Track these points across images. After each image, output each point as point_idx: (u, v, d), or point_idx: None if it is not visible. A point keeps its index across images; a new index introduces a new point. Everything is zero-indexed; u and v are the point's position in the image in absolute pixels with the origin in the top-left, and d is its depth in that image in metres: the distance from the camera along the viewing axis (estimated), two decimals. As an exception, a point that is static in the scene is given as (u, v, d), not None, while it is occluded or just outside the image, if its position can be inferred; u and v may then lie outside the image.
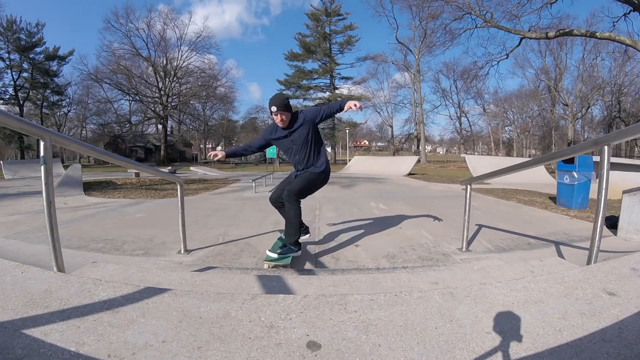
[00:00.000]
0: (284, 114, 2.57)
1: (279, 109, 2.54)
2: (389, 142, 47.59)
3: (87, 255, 2.75)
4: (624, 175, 6.72)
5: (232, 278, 1.84)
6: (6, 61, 31.68)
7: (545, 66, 36.30)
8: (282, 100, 2.59)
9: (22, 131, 1.61)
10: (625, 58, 27.24)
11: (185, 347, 0.98)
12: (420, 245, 3.14)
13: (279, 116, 2.56)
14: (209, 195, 7.63)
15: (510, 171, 2.67)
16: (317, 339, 1.03)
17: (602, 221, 1.72)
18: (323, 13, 39.00)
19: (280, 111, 2.55)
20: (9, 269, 1.47)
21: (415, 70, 37.68)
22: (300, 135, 2.66)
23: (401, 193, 8.06)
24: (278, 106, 2.54)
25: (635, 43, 14.60)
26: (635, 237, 3.13)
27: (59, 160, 21.82)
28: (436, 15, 22.85)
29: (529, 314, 1.16)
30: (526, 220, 4.47)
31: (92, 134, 41.03)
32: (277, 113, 2.56)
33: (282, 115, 2.57)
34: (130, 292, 1.29)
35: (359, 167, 19.98)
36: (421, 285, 1.75)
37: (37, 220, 4.17)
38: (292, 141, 2.68)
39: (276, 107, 2.54)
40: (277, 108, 2.54)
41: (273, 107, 2.55)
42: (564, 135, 36.48)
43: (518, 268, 2.06)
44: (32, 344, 0.96)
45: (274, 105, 2.54)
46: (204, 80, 38.47)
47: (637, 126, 1.73)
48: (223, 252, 2.97)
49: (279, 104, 2.55)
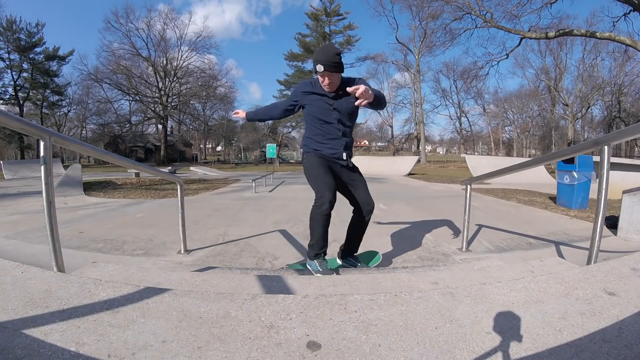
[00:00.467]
0: (334, 75, 1.94)
1: (326, 68, 1.89)
2: (389, 142, 47.57)
3: (87, 255, 2.75)
4: (624, 175, 6.72)
5: (232, 278, 1.84)
6: (6, 61, 31.71)
7: (545, 66, 36.33)
8: (333, 55, 1.90)
9: (22, 131, 1.61)
10: (625, 58, 27.27)
11: (185, 347, 0.98)
12: (420, 245, 3.14)
13: (326, 78, 1.95)
14: (209, 195, 7.63)
15: (510, 171, 2.67)
16: (317, 339, 1.03)
17: (602, 221, 1.72)
18: (323, 13, 39.01)
19: (328, 72, 1.91)
20: (9, 269, 1.47)
21: (415, 70, 37.70)
22: (349, 105, 2.03)
23: (401, 193, 8.06)
24: (326, 65, 1.88)
25: (635, 43, 14.61)
26: (635, 237, 3.13)
27: (59, 160, 21.82)
28: (436, 15, 22.88)
29: (529, 314, 1.16)
30: (526, 220, 4.47)
31: (92, 134, 41.07)
32: (323, 74, 1.93)
33: (331, 77, 1.94)
34: (130, 292, 1.29)
35: (359, 167, 19.90)
36: (421, 285, 1.75)
37: (37, 220, 4.17)
38: (336, 108, 2.06)
39: (323, 67, 1.89)
40: (325, 68, 1.89)
41: (319, 66, 1.89)
42: (564, 135, 36.49)
43: (518, 268, 2.05)
44: (32, 344, 0.96)
45: (320, 63, 1.89)
46: (204, 80, 38.49)
47: (637, 126, 1.73)
48: (223, 252, 2.97)
49: (327, 62, 1.88)
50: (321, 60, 1.89)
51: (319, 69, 1.91)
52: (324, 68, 1.89)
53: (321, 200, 1.96)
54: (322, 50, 1.94)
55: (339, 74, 1.98)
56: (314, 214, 2.00)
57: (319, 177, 2.05)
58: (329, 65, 1.88)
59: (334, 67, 1.91)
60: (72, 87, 37.00)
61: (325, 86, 1.99)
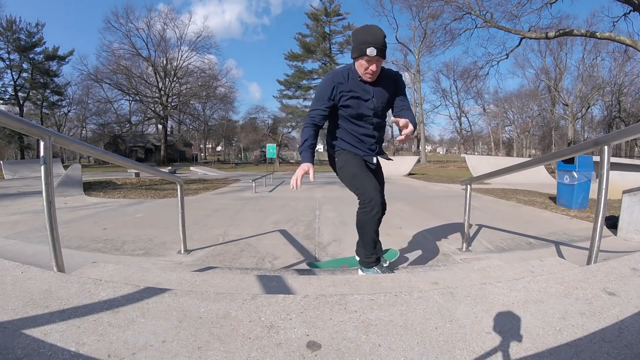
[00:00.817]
0: (380, 61, 1.70)
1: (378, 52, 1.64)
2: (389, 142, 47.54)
3: (87, 255, 2.75)
4: (624, 175, 6.72)
5: (232, 278, 1.84)
6: (6, 61, 31.72)
7: (545, 66, 36.35)
8: (383, 38, 1.65)
9: (22, 131, 1.61)
10: (625, 58, 27.27)
11: (185, 347, 0.98)
12: (420, 245, 3.14)
13: (374, 64, 1.69)
14: (209, 195, 7.63)
15: (510, 171, 2.67)
16: (317, 339, 1.03)
17: (602, 221, 1.72)
18: (323, 13, 39.02)
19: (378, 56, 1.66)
20: (9, 269, 1.47)
21: (415, 70, 37.71)
22: (385, 97, 1.83)
23: (401, 193, 8.06)
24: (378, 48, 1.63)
25: (635, 43, 14.61)
26: (635, 237, 3.13)
27: (59, 160, 21.81)
28: (436, 15, 22.87)
29: (529, 314, 1.15)
30: (526, 220, 4.46)
31: (92, 134, 41.07)
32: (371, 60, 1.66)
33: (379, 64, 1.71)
34: (130, 292, 1.29)
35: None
36: (421, 285, 1.75)
37: (37, 221, 4.17)
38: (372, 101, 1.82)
39: (375, 50, 1.63)
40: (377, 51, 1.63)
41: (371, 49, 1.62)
42: (564, 135, 36.49)
43: (518, 268, 2.05)
44: (32, 344, 0.96)
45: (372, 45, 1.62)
46: (204, 80, 38.52)
47: (637, 126, 1.73)
48: (223, 252, 2.97)
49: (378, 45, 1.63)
50: (371, 42, 1.62)
51: (371, 52, 1.62)
52: (376, 51, 1.63)
53: (370, 204, 1.80)
54: (370, 31, 1.66)
55: (382, 61, 1.73)
56: (364, 220, 1.84)
57: (361, 178, 1.86)
58: (380, 48, 1.63)
59: (382, 51, 1.66)
60: (72, 87, 37.11)
61: (369, 73, 1.72)
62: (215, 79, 39.18)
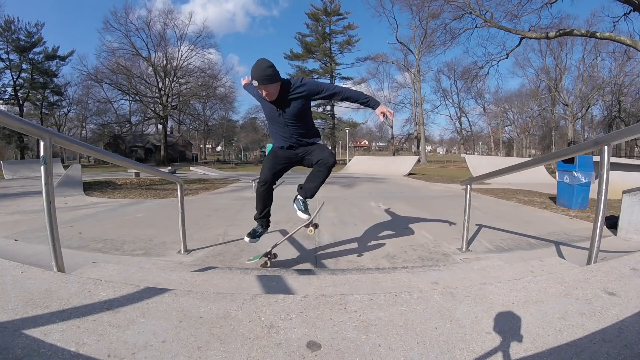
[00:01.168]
0: (269, 87, 2.10)
1: (261, 83, 2.07)
2: (389, 142, 47.55)
3: (87, 255, 2.75)
4: (624, 175, 6.72)
5: (232, 278, 1.84)
6: (5, 61, 31.71)
7: (546, 66, 36.32)
8: (264, 69, 2.06)
9: (22, 131, 1.61)
10: (625, 58, 27.27)
11: (185, 347, 0.98)
12: (420, 245, 3.14)
13: (263, 91, 2.12)
14: (209, 195, 7.63)
15: (510, 171, 2.67)
16: (317, 339, 1.03)
17: (602, 221, 1.72)
18: (323, 13, 39.00)
19: (262, 85, 2.08)
20: (9, 269, 1.47)
21: (415, 70, 37.70)
22: (294, 109, 2.23)
23: (401, 193, 8.06)
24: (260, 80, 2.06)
25: (635, 43, 14.61)
26: (635, 237, 3.13)
27: (59, 160, 21.81)
28: (436, 15, 22.90)
29: (529, 313, 1.16)
30: (526, 220, 4.46)
31: (92, 134, 41.05)
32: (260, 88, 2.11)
33: (268, 89, 2.10)
34: (130, 292, 1.29)
35: (359, 167, 19.97)
36: (421, 285, 1.75)
37: (37, 221, 4.17)
38: (281, 115, 2.26)
39: (257, 82, 2.07)
40: (259, 82, 2.07)
41: (254, 81, 2.09)
42: (564, 135, 36.50)
43: (518, 268, 2.05)
44: (32, 344, 0.96)
45: (254, 79, 2.08)
46: (204, 80, 38.50)
47: (637, 126, 1.73)
48: (223, 252, 2.97)
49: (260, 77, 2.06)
50: (256, 77, 2.06)
51: (254, 84, 2.10)
52: (258, 82, 2.07)
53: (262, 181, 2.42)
54: (255, 66, 2.09)
55: (275, 84, 2.11)
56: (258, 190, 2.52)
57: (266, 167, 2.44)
58: (263, 79, 2.06)
59: (268, 80, 2.06)
60: (72, 87, 37.04)
61: (265, 97, 2.16)
62: (215, 79, 39.19)
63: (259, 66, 2.07)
